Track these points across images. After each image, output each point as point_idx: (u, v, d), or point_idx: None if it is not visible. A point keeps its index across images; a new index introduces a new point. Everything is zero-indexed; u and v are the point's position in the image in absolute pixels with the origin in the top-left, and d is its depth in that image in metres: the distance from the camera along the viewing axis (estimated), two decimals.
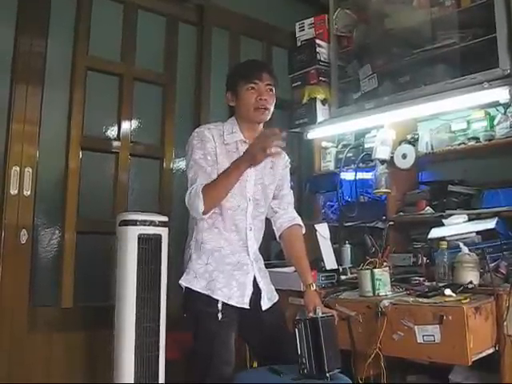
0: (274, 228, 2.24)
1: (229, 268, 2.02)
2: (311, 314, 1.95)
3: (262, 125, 2.13)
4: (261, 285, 2.09)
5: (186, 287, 2.03)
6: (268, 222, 2.25)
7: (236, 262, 2.05)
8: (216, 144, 2.04)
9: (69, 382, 2.60)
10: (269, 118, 2.10)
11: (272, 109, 2.09)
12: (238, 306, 2.00)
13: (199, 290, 1.99)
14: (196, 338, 2.01)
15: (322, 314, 1.93)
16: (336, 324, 1.98)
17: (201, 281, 2.01)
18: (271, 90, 2.08)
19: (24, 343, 2.51)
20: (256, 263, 2.10)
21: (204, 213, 1.93)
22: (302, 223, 2.25)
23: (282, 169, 2.24)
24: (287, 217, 2.23)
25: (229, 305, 1.98)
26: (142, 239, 2.28)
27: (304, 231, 2.26)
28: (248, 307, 2.01)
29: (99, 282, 2.74)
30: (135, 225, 2.29)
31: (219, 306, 1.97)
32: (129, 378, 2.18)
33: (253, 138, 2.05)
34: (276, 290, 2.19)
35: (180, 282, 2.05)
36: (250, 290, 2.03)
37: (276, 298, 2.16)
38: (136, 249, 2.26)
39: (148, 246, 2.29)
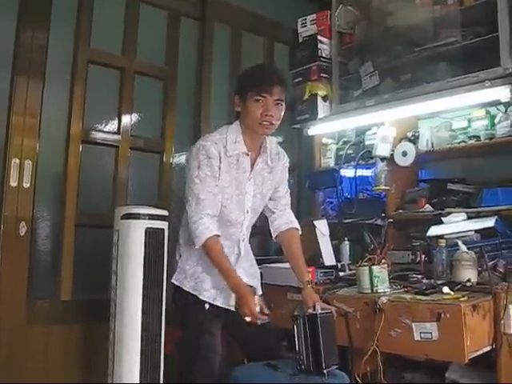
0: (271, 228, 2.24)
1: (217, 271, 2.01)
2: (310, 311, 1.95)
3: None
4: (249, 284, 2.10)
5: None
6: (265, 219, 2.26)
7: None
8: (221, 159, 2.00)
9: (69, 383, 2.61)
10: (273, 131, 2.04)
11: (278, 123, 2.02)
12: (224, 307, 2.04)
13: (188, 290, 2.06)
14: (184, 328, 2.06)
15: (321, 310, 1.94)
16: (335, 320, 1.99)
17: (190, 281, 2.07)
18: (280, 104, 2.01)
19: (22, 336, 2.51)
20: (240, 264, 2.12)
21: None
22: (298, 226, 2.25)
23: (280, 170, 2.21)
24: (285, 219, 2.23)
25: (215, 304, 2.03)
26: (148, 233, 2.26)
27: (300, 233, 2.25)
28: (234, 310, 2.02)
29: (98, 274, 2.72)
30: (139, 218, 2.26)
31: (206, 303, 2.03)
32: (133, 373, 2.17)
33: (255, 150, 2.07)
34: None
35: (172, 280, 2.11)
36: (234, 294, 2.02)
37: (259, 292, 2.17)
38: (143, 243, 2.24)
39: (152, 240, 2.28)
